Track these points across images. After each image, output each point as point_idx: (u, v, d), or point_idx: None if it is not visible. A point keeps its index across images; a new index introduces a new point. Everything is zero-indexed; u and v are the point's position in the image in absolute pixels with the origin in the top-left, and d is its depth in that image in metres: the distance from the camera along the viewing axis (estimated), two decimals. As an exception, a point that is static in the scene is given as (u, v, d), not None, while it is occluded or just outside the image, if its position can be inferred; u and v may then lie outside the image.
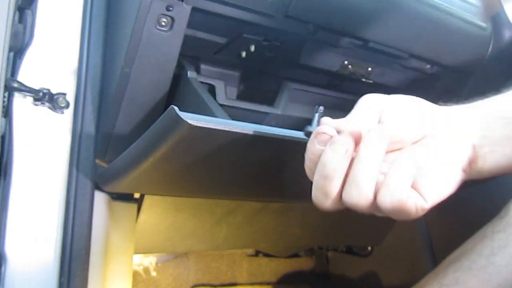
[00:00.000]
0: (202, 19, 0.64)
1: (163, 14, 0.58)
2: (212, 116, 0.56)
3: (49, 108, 0.65)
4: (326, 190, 0.40)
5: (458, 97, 0.81)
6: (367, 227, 1.12)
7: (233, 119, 0.50)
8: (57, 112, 0.65)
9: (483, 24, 0.84)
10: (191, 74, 0.70)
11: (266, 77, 0.83)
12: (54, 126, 0.65)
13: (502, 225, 0.67)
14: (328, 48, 0.75)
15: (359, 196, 0.39)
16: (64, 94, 0.65)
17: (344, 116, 0.45)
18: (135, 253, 0.82)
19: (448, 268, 0.70)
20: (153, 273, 1.14)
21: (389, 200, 0.38)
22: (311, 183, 0.46)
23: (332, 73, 0.82)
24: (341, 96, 0.88)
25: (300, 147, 0.43)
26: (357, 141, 0.39)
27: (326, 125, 0.41)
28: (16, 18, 0.65)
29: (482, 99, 0.47)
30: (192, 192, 0.76)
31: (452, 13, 0.77)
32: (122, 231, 0.77)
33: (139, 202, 0.80)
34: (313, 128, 0.42)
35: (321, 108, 0.44)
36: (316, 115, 0.43)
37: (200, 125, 0.45)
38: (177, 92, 0.70)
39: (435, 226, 1.07)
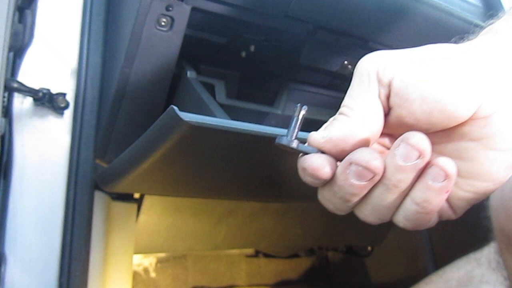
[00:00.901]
0: (202, 19, 0.64)
1: (163, 14, 0.58)
2: (212, 116, 0.56)
3: (49, 108, 0.65)
4: (338, 207, 0.34)
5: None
6: (367, 227, 1.12)
7: (233, 119, 0.50)
8: (57, 112, 0.65)
9: (483, 24, 0.84)
10: (191, 74, 0.70)
11: (266, 77, 0.83)
12: (54, 126, 0.65)
13: None
14: (328, 48, 0.75)
15: (375, 218, 0.33)
16: (64, 94, 0.65)
17: None
18: (135, 253, 0.82)
19: None
20: (152, 274, 1.14)
21: (410, 223, 0.32)
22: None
23: (332, 73, 0.82)
24: (341, 96, 0.88)
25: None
26: (365, 145, 0.33)
27: (372, 159, 0.30)
28: (16, 18, 0.65)
29: None
30: (192, 192, 0.76)
31: (452, 13, 0.77)
32: (122, 231, 0.77)
33: (139, 202, 0.80)
34: (290, 134, 0.34)
35: (305, 107, 0.35)
36: (297, 117, 0.34)
37: (200, 125, 0.45)
38: (177, 92, 0.70)
39: (435, 226, 1.07)
